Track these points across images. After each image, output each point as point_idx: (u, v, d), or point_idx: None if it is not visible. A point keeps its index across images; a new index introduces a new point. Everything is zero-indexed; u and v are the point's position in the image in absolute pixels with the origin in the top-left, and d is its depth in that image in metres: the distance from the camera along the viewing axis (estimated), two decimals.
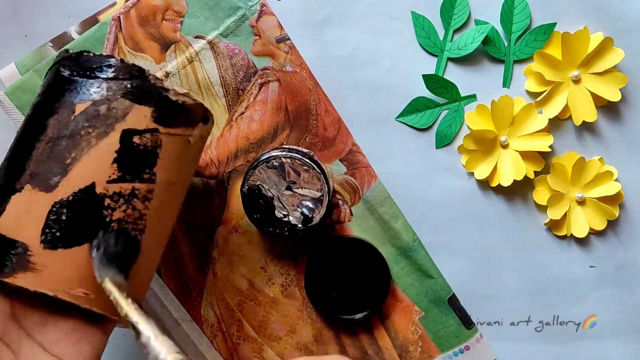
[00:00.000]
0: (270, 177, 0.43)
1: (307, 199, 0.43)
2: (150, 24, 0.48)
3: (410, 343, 0.48)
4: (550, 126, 0.47)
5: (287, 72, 0.48)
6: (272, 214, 0.43)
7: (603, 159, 0.47)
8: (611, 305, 0.48)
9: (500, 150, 0.47)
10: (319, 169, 0.43)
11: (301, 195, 0.43)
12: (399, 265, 0.48)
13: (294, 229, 0.43)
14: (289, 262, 0.48)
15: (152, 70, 0.48)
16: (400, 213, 0.48)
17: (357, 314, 0.47)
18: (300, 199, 0.43)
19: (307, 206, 0.43)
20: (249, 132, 0.48)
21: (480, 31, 0.47)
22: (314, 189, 0.43)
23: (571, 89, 0.47)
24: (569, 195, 0.48)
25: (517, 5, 0.47)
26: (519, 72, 0.48)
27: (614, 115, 0.48)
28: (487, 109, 0.47)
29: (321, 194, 0.43)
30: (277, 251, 0.48)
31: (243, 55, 0.48)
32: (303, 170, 0.43)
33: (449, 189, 0.48)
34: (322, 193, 0.43)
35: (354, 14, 0.48)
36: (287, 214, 0.43)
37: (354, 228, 0.48)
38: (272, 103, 0.48)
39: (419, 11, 0.48)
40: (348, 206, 0.48)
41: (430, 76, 0.47)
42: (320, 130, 0.48)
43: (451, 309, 0.48)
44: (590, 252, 0.48)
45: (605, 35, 0.46)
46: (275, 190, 0.43)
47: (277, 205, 0.43)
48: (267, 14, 0.48)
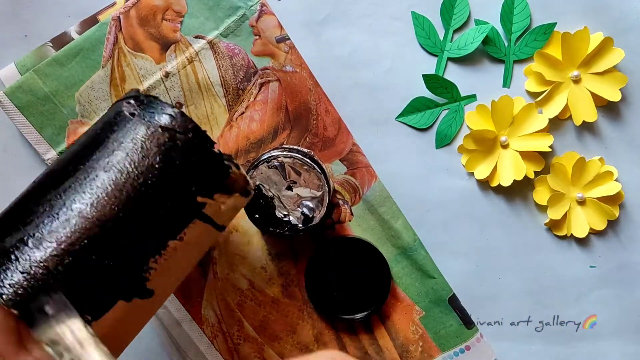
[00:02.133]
0: (270, 177, 0.43)
1: (308, 198, 0.43)
2: (150, 24, 0.48)
3: (410, 343, 0.48)
4: (550, 126, 0.47)
5: (287, 72, 0.48)
6: (272, 214, 0.43)
7: (603, 159, 0.47)
8: (611, 305, 0.48)
9: (500, 150, 0.47)
10: (319, 168, 0.43)
11: (301, 195, 0.43)
12: (400, 265, 0.48)
13: (294, 229, 0.43)
14: (289, 262, 0.48)
15: (152, 70, 0.48)
16: (400, 213, 0.48)
17: (358, 314, 0.47)
18: (301, 199, 0.43)
19: (307, 206, 0.43)
20: (249, 132, 0.48)
21: (480, 31, 0.47)
22: (315, 188, 0.43)
23: (571, 89, 0.47)
24: (569, 195, 0.48)
25: (517, 5, 0.47)
26: (519, 72, 0.48)
27: (614, 115, 0.48)
28: (487, 109, 0.47)
29: (321, 193, 0.43)
30: (278, 251, 0.48)
31: (243, 55, 0.48)
32: (303, 170, 0.43)
33: (449, 189, 0.48)
34: (323, 193, 0.43)
35: (354, 14, 0.48)
36: (287, 213, 0.43)
37: (354, 228, 0.48)
38: (272, 103, 0.48)
39: (419, 11, 0.48)
40: (348, 206, 0.48)
41: (430, 76, 0.47)
42: (320, 130, 0.48)
43: (451, 309, 0.48)
44: (590, 252, 0.48)
45: (605, 35, 0.46)
46: (276, 190, 0.43)
47: (277, 205, 0.43)
48: (267, 14, 0.48)
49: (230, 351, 0.49)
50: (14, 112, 0.47)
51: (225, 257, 0.48)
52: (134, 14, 0.47)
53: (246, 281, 0.49)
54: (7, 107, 0.47)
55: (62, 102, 0.47)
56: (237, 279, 0.49)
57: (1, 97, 0.47)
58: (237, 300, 0.49)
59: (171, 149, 0.35)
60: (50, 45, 0.48)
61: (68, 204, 0.34)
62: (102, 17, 0.48)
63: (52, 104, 0.47)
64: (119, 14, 0.47)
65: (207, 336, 0.49)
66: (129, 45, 0.48)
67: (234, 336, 0.49)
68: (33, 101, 0.47)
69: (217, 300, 0.49)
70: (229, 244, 0.48)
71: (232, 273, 0.48)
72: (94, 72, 0.48)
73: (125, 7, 0.47)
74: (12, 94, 0.47)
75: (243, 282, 0.49)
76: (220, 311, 0.49)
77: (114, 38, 0.47)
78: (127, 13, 0.47)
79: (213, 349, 0.49)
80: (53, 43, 0.48)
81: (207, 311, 0.49)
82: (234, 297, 0.49)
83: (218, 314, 0.49)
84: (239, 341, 0.49)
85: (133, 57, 0.48)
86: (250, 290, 0.49)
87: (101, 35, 0.47)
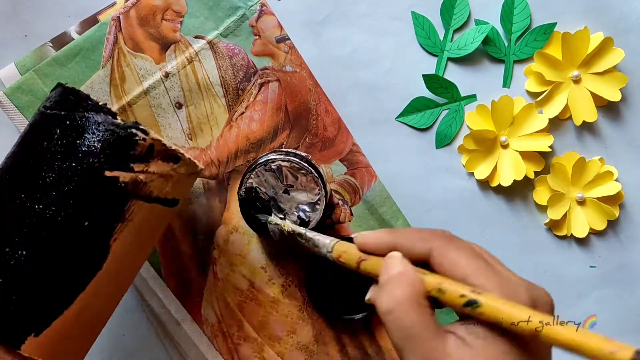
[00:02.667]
0: (268, 180, 0.43)
1: (304, 202, 0.43)
2: (150, 24, 0.48)
3: None
4: (550, 126, 0.47)
5: (287, 72, 0.48)
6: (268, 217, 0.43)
7: (603, 159, 0.47)
8: (611, 305, 0.48)
9: (501, 150, 0.47)
10: (316, 173, 0.43)
11: (298, 199, 0.43)
12: None
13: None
14: (289, 262, 0.48)
15: (152, 70, 0.48)
16: (400, 213, 0.48)
17: (357, 314, 0.47)
18: (297, 203, 0.43)
19: (304, 210, 0.43)
20: (249, 132, 0.48)
21: (480, 31, 0.47)
22: (312, 193, 0.43)
23: (571, 89, 0.47)
24: (569, 195, 0.48)
25: (517, 5, 0.47)
26: (519, 72, 0.48)
27: (614, 115, 0.48)
28: (487, 109, 0.47)
29: (318, 197, 0.43)
30: (278, 251, 0.48)
31: (243, 55, 0.48)
32: (301, 174, 0.43)
33: (449, 189, 0.48)
34: (320, 197, 0.43)
35: (354, 14, 0.48)
36: (283, 217, 0.43)
37: (354, 228, 0.48)
38: (272, 103, 0.48)
39: (419, 11, 0.48)
40: (348, 206, 0.48)
41: (430, 76, 0.47)
42: (320, 130, 0.48)
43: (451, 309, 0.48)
44: (590, 252, 0.48)
45: (605, 35, 0.46)
46: (273, 193, 0.43)
47: (273, 208, 0.43)
48: (266, 14, 0.48)
49: (230, 351, 0.49)
50: (14, 112, 0.47)
51: (225, 257, 0.48)
52: (133, 14, 0.47)
53: (246, 281, 0.49)
54: (7, 107, 0.47)
55: None
56: (237, 279, 0.49)
57: (1, 97, 0.47)
58: (237, 300, 0.49)
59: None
60: (50, 45, 0.48)
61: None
62: (102, 17, 0.48)
63: None
64: (118, 14, 0.47)
65: (207, 336, 0.49)
66: (128, 46, 0.48)
67: (234, 336, 0.49)
68: (33, 101, 0.47)
69: (217, 300, 0.49)
70: (229, 244, 0.48)
71: (232, 273, 0.49)
72: (94, 72, 0.48)
73: (125, 7, 0.47)
74: (12, 94, 0.47)
75: (243, 282, 0.49)
76: (220, 311, 0.49)
77: (113, 38, 0.47)
78: (127, 13, 0.47)
79: (213, 349, 0.49)
80: (53, 43, 0.48)
81: (207, 311, 0.49)
82: (234, 297, 0.49)
83: (218, 314, 0.49)
84: (239, 341, 0.49)
85: (133, 57, 0.48)
86: (250, 290, 0.49)
87: (101, 35, 0.47)
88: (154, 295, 0.48)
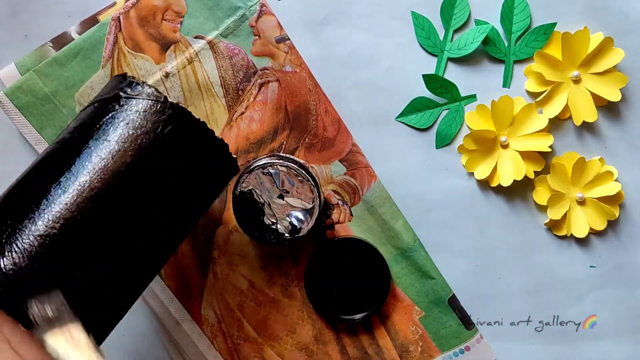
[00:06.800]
0: (263, 183, 0.43)
1: (298, 209, 0.43)
2: (150, 24, 0.48)
3: (410, 343, 0.48)
4: (550, 126, 0.47)
5: (287, 72, 0.48)
6: (260, 220, 0.43)
7: (603, 159, 0.47)
8: (611, 305, 0.48)
9: (501, 150, 0.47)
10: (313, 181, 0.43)
11: (292, 205, 0.43)
12: (399, 265, 0.48)
13: (280, 238, 0.43)
14: (289, 262, 0.48)
15: (152, 70, 0.48)
16: (400, 213, 0.48)
17: (357, 314, 0.47)
18: (291, 209, 0.43)
19: (296, 217, 0.43)
20: (249, 132, 0.48)
21: (480, 31, 0.47)
22: (306, 200, 0.43)
23: (571, 89, 0.47)
24: (569, 195, 0.48)
25: (517, 5, 0.47)
26: (519, 72, 0.48)
27: (614, 115, 0.48)
28: (487, 109, 0.47)
29: (312, 206, 0.43)
30: (278, 251, 0.48)
31: (243, 55, 0.48)
32: (297, 181, 0.43)
33: (449, 189, 0.48)
34: (314, 206, 0.43)
35: (354, 14, 0.48)
36: (275, 221, 0.43)
37: (354, 228, 0.48)
38: (272, 103, 0.48)
39: (419, 11, 0.48)
40: (348, 207, 0.48)
41: (430, 76, 0.47)
42: (320, 130, 0.48)
43: (451, 309, 0.48)
44: (590, 252, 0.48)
45: (605, 35, 0.46)
46: (267, 197, 0.43)
47: (267, 212, 0.43)
48: (266, 14, 0.48)
49: (230, 351, 0.49)
50: (14, 112, 0.47)
51: (225, 257, 0.49)
52: (133, 14, 0.47)
53: (246, 281, 0.49)
54: (7, 107, 0.47)
55: (62, 102, 0.48)
56: (237, 279, 0.49)
57: (1, 97, 0.47)
58: (237, 300, 0.49)
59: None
60: (50, 45, 0.48)
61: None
62: (102, 17, 0.48)
63: (52, 104, 0.47)
64: (118, 14, 0.47)
65: (207, 336, 0.49)
66: (128, 46, 0.48)
67: (233, 336, 0.49)
68: (33, 101, 0.47)
69: (217, 300, 0.49)
70: (229, 244, 0.48)
71: (232, 273, 0.49)
72: (94, 72, 0.48)
73: (125, 8, 0.47)
74: (12, 94, 0.47)
75: (243, 282, 0.49)
76: (220, 311, 0.49)
77: (113, 38, 0.48)
78: (127, 13, 0.47)
79: (213, 349, 0.49)
80: (53, 43, 0.48)
81: (207, 311, 0.49)
82: (234, 297, 0.49)
83: (218, 314, 0.49)
84: (238, 341, 0.49)
85: (133, 57, 0.48)
86: (250, 290, 0.49)
87: (101, 35, 0.47)
88: (154, 296, 0.48)
